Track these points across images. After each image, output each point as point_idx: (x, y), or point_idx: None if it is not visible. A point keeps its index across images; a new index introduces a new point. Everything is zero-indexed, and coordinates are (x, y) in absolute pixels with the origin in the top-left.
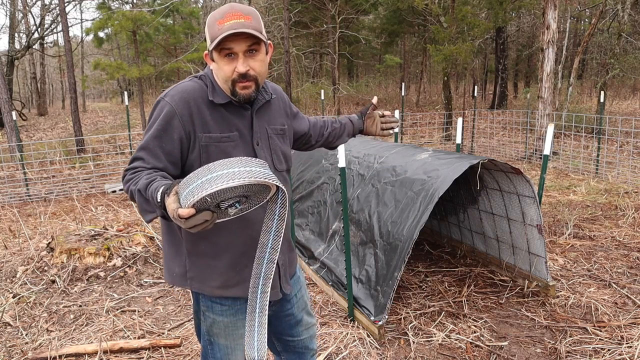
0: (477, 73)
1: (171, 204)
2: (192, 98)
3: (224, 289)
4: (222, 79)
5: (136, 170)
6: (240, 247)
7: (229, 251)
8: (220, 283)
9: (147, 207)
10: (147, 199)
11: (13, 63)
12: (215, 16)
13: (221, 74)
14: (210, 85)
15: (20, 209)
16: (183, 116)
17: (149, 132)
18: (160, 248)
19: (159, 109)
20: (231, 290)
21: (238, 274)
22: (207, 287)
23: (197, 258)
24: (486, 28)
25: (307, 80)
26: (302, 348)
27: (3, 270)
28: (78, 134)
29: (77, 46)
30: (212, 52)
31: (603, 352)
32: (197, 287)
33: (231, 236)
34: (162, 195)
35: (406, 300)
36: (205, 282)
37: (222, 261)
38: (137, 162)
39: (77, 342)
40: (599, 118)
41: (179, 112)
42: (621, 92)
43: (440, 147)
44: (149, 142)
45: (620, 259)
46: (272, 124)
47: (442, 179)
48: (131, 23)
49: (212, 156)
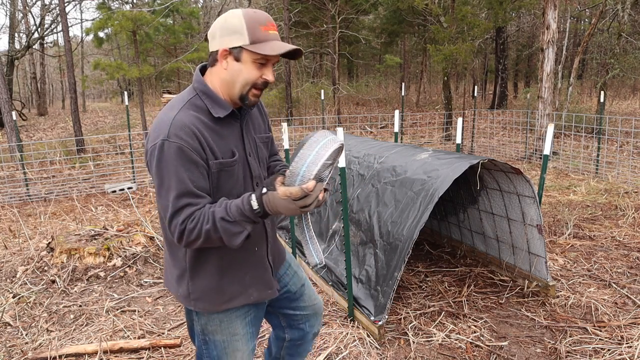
0: (477, 73)
1: (290, 190)
2: (195, 128)
3: (229, 302)
4: (241, 82)
5: (193, 214)
6: (244, 261)
7: (232, 268)
8: (225, 299)
9: (235, 230)
10: (234, 221)
11: (13, 63)
12: (256, 18)
13: (243, 77)
14: (208, 99)
15: (20, 209)
16: (196, 149)
17: (175, 178)
18: (160, 248)
19: (170, 150)
20: (234, 302)
21: (241, 286)
22: (212, 306)
23: (199, 280)
24: (486, 28)
25: (307, 80)
26: (306, 326)
27: (3, 270)
28: (78, 134)
29: (77, 46)
30: (245, 52)
31: (603, 352)
32: (201, 307)
33: (231, 254)
34: (259, 200)
35: (406, 300)
36: (211, 302)
37: (228, 279)
38: (187, 208)
39: (77, 342)
40: (599, 118)
41: (193, 147)
42: (621, 92)
43: (440, 147)
44: (182, 186)
45: (620, 259)
46: (258, 132)
47: (442, 179)
48: (131, 23)
49: (221, 180)
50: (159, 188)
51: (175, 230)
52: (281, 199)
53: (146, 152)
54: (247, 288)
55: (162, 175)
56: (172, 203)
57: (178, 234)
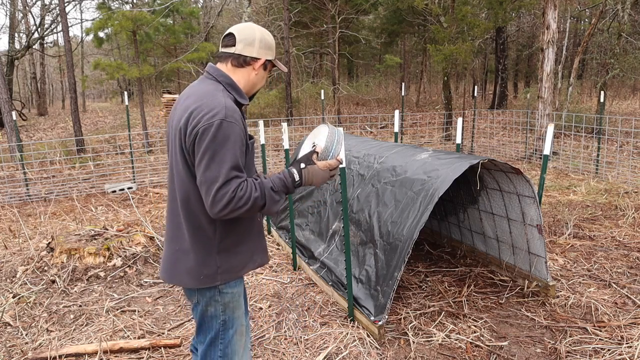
0: (477, 73)
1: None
2: (239, 114)
3: (242, 269)
4: (259, 85)
5: (241, 184)
6: (252, 231)
7: (245, 237)
8: (242, 265)
9: (277, 198)
10: (277, 191)
11: (13, 63)
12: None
13: (260, 82)
14: (234, 91)
15: (20, 209)
16: (244, 131)
17: (229, 149)
18: (160, 248)
19: (229, 130)
20: (246, 268)
21: (250, 252)
22: (233, 274)
23: (225, 253)
24: (486, 28)
25: (307, 80)
26: None
27: (3, 270)
28: (78, 134)
29: (77, 46)
30: (269, 65)
31: (603, 352)
32: (226, 278)
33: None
34: (299, 173)
35: (406, 300)
36: (232, 270)
37: (244, 246)
38: (236, 179)
39: (77, 342)
40: (599, 118)
41: (242, 129)
42: (621, 92)
43: (440, 147)
44: (235, 159)
45: (620, 259)
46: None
47: (442, 179)
48: (131, 23)
49: (247, 157)
50: (209, 161)
51: (224, 197)
52: (321, 169)
53: (193, 130)
54: (253, 254)
55: (216, 150)
56: (224, 173)
57: (226, 201)
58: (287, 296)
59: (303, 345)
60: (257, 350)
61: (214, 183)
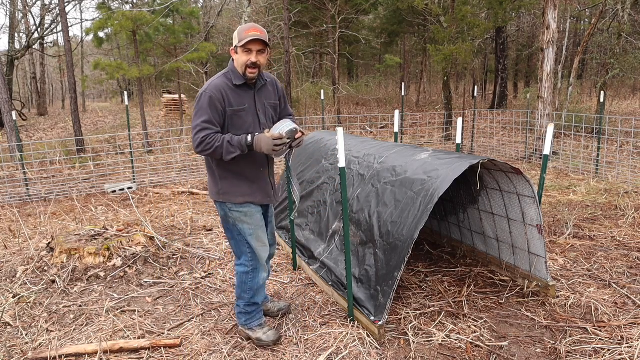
0: (477, 73)
1: (271, 133)
2: (221, 88)
3: (243, 196)
4: (239, 65)
5: (208, 134)
6: (251, 171)
7: (244, 174)
8: (241, 194)
9: (231, 150)
10: (233, 144)
11: (13, 63)
12: (244, 27)
13: (240, 62)
14: (232, 74)
15: (20, 209)
16: (219, 99)
17: (203, 110)
18: (160, 248)
19: (206, 98)
20: (247, 197)
21: (250, 187)
22: (233, 197)
23: (226, 181)
24: (486, 28)
25: (307, 80)
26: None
27: (3, 270)
28: (78, 134)
29: (77, 46)
30: (238, 48)
31: (603, 352)
32: (225, 198)
33: (244, 165)
34: (252, 138)
35: (406, 300)
36: (231, 194)
37: (242, 180)
38: (206, 130)
39: (77, 342)
40: (599, 118)
41: (217, 97)
42: (621, 92)
43: (440, 147)
44: (207, 117)
45: (620, 259)
46: (268, 99)
47: (442, 179)
48: (131, 23)
49: (234, 120)
50: (194, 117)
51: (196, 140)
52: (266, 136)
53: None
54: (254, 192)
55: (198, 109)
56: (199, 123)
57: (197, 142)
58: (287, 296)
59: (303, 345)
60: (257, 350)
61: (193, 130)
